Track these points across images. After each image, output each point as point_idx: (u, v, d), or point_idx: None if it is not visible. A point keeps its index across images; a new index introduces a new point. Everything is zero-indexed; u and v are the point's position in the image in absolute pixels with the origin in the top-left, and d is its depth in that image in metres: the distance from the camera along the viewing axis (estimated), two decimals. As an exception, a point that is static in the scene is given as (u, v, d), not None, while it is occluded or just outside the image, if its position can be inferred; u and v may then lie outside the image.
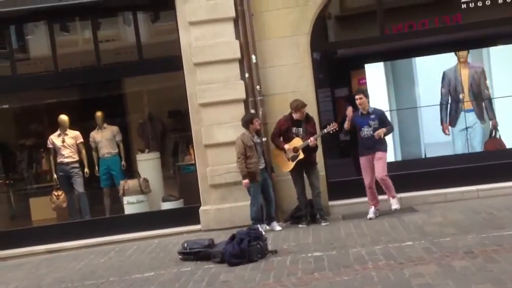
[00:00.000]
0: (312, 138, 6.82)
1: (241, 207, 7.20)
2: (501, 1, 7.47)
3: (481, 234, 5.47)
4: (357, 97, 6.86)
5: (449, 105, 7.88)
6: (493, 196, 7.13)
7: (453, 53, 7.85)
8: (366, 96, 6.90)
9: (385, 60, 8.02)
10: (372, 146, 6.77)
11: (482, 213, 6.39)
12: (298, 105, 6.88)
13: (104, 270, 6.18)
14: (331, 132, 6.96)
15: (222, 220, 7.36)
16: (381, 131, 6.72)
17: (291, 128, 6.97)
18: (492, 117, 7.84)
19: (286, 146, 6.91)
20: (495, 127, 7.83)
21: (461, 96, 7.88)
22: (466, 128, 7.84)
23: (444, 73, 7.86)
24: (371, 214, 6.87)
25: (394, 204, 6.79)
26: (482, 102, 7.85)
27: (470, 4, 7.52)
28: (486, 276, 4.26)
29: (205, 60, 7.41)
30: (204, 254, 5.95)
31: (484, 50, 7.86)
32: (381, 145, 6.80)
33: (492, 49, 7.85)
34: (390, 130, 6.91)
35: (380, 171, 6.73)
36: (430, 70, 7.96)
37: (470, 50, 7.86)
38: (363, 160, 6.88)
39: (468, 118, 7.85)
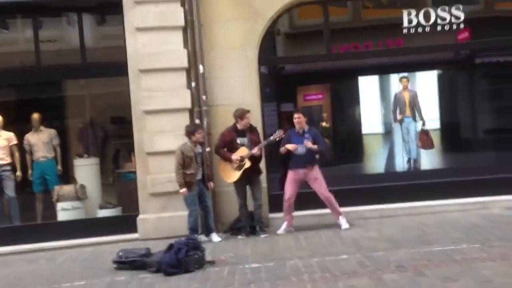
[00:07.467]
0: (256, 148, 6.86)
1: (181, 216, 7.10)
2: (440, 29, 7.89)
3: (412, 249, 5.67)
4: (296, 115, 6.96)
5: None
6: (424, 213, 7.43)
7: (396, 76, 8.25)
8: (305, 116, 7.02)
9: (331, 79, 8.24)
10: (304, 164, 6.87)
11: (414, 229, 6.63)
12: (243, 112, 6.91)
13: (31, 278, 5.90)
14: (276, 139, 6.99)
15: (161, 229, 7.22)
16: (311, 144, 6.77)
17: (236, 138, 6.98)
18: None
19: (234, 157, 6.91)
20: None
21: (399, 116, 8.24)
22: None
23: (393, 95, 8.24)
24: (281, 230, 6.92)
25: (344, 224, 6.84)
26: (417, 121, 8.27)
27: (411, 30, 7.89)
28: (414, 289, 4.41)
29: (151, 67, 7.32)
30: (140, 263, 5.80)
31: (420, 74, 8.29)
32: (312, 161, 6.90)
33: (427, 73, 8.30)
34: (321, 149, 6.92)
35: (323, 191, 6.86)
36: (373, 91, 8.27)
37: (409, 74, 8.26)
38: (291, 174, 6.94)
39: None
